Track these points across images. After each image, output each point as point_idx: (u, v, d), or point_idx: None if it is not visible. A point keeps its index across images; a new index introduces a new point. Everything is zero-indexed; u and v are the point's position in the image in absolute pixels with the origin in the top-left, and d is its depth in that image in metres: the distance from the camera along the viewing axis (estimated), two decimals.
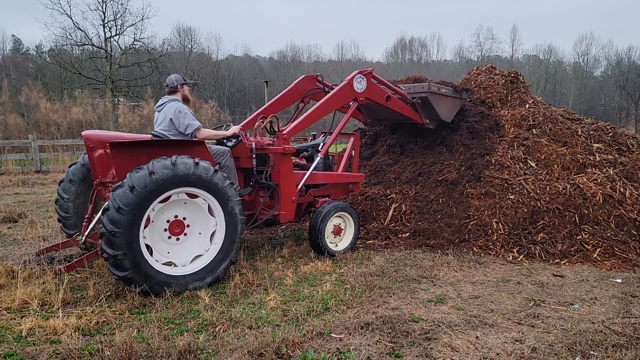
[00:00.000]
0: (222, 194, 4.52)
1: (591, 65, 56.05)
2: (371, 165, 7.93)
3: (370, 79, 6.24)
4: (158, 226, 4.37)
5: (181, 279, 4.35)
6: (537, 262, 5.71)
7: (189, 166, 4.30)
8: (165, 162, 4.20)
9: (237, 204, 4.66)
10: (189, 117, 5.07)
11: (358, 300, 4.29)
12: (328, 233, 5.72)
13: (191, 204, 4.52)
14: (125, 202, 3.98)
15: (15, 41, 51.77)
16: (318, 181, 6.05)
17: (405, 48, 58.11)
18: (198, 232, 4.60)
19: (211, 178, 4.43)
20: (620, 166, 6.92)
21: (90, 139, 5.12)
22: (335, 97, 6.03)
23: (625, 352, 3.31)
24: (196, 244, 4.58)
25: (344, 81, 6.12)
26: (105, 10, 31.01)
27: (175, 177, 4.22)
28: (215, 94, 44.23)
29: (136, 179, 4.05)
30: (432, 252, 5.94)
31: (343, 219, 5.90)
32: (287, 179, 5.56)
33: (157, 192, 4.14)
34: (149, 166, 4.13)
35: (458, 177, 6.78)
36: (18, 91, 27.81)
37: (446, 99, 7.24)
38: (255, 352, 3.17)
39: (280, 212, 5.55)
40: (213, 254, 4.59)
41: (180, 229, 4.50)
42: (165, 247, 4.44)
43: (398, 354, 3.26)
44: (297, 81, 7.02)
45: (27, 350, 3.26)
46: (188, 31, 48.86)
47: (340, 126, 6.19)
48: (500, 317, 3.97)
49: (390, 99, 6.52)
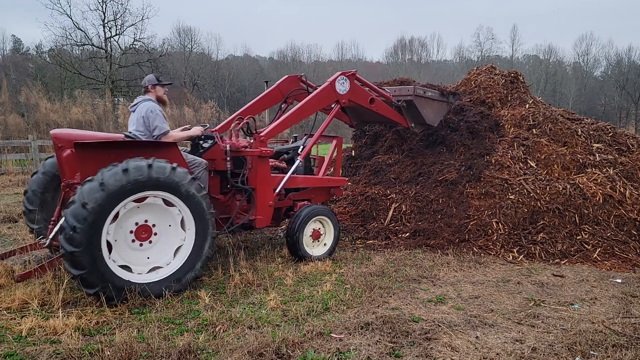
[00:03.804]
0: (196, 204, 4.32)
1: (591, 65, 56.07)
2: (371, 165, 7.93)
3: (353, 80, 6.07)
4: (125, 227, 4.15)
5: (134, 287, 4.07)
6: (537, 262, 5.71)
7: (164, 169, 4.12)
8: (140, 163, 4.03)
9: (211, 217, 4.46)
10: (159, 119, 4.86)
11: (358, 300, 4.29)
12: (306, 237, 5.52)
13: (164, 212, 4.31)
14: (92, 198, 3.79)
15: (15, 41, 51.77)
16: (298, 185, 5.86)
17: (405, 48, 58.10)
18: (164, 243, 4.35)
19: (187, 186, 4.25)
20: (620, 166, 6.92)
21: (59, 138, 4.83)
22: (316, 99, 5.84)
23: (625, 352, 3.31)
24: (160, 254, 4.33)
25: (326, 82, 5.96)
26: (105, 10, 31.03)
27: (150, 180, 4.04)
28: (215, 94, 44.20)
29: (107, 176, 3.87)
30: (432, 252, 5.94)
31: (322, 223, 5.69)
32: (264, 182, 5.35)
33: (129, 192, 3.96)
34: (122, 165, 3.95)
35: (458, 177, 6.78)
36: (18, 91, 27.78)
37: (432, 102, 7.06)
38: (255, 352, 3.17)
39: (256, 217, 5.34)
40: (173, 268, 4.33)
41: (146, 235, 4.27)
42: (126, 249, 4.19)
43: (398, 354, 3.26)
44: (280, 81, 6.80)
45: (27, 350, 3.26)
46: (188, 31, 48.84)
47: (321, 128, 6.00)
48: (500, 317, 3.97)
49: (374, 101, 6.32)
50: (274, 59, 58.06)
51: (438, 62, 59.12)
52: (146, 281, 4.17)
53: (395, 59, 57.45)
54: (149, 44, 33.84)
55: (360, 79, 6.38)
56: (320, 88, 5.97)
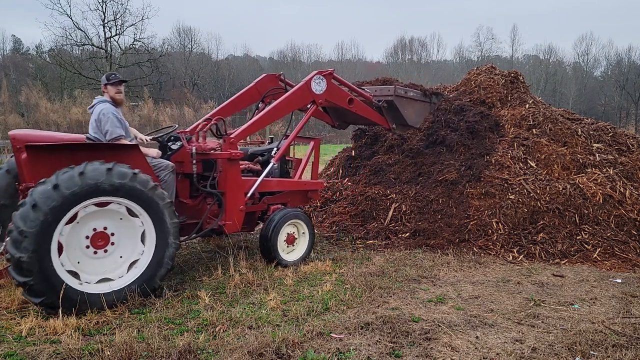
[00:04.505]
0: (158, 213, 4.07)
1: (591, 65, 56.07)
2: (371, 165, 7.93)
3: (330, 80, 5.88)
4: (82, 231, 3.90)
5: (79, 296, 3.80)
6: (537, 262, 5.71)
7: (125, 175, 3.87)
8: (99, 166, 3.79)
9: (174, 226, 4.20)
10: (110, 123, 4.49)
11: (358, 300, 4.29)
12: (281, 242, 5.31)
13: (126, 222, 4.06)
14: (44, 201, 3.57)
15: (15, 41, 51.82)
16: (272, 188, 5.61)
17: (405, 48, 58.06)
18: (120, 255, 4.09)
19: (149, 193, 4.00)
20: (620, 166, 6.92)
21: (17, 140, 4.44)
22: (291, 99, 5.64)
23: (625, 352, 3.31)
24: (113, 265, 4.07)
25: (302, 82, 5.78)
26: (105, 10, 31.08)
27: (110, 185, 3.80)
28: (215, 94, 44.19)
29: (62, 179, 3.66)
30: (432, 252, 5.94)
31: (296, 227, 5.49)
32: (234, 186, 5.07)
33: (85, 197, 3.73)
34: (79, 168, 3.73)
35: (458, 177, 6.78)
36: (18, 91, 27.83)
37: (414, 102, 6.93)
38: (255, 352, 3.17)
39: (225, 222, 5.03)
40: (124, 283, 4.05)
41: (103, 243, 4.00)
42: (78, 254, 3.91)
43: (398, 354, 3.26)
44: (258, 80, 6.54)
45: (27, 350, 3.26)
46: (188, 31, 48.83)
47: (297, 129, 5.78)
48: (500, 317, 3.97)
49: (353, 101, 6.14)
50: (274, 59, 58.05)
51: (438, 62, 59.10)
52: (93, 291, 3.88)
53: (395, 59, 57.44)
54: (149, 44, 33.92)
55: (338, 78, 6.24)
56: (296, 87, 5.80)
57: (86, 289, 3.87)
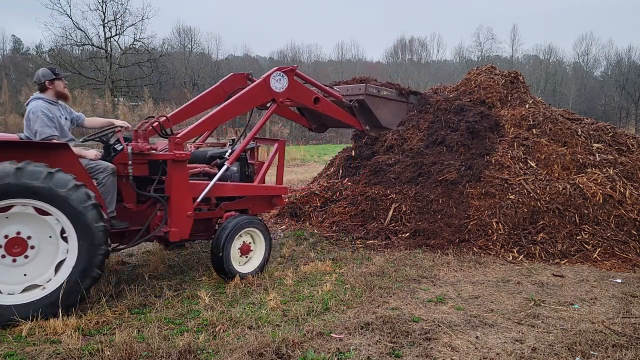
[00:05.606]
0: (79, 215, 3.72)
1: (591, 65, 56.16)
2: (371, 165, 7.92)
3: (292, 77, 5.55)
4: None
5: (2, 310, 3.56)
6: (537, 262, 5.71)
7: (37, 174, 3.57)
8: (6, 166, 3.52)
9: (99, 230, 3.81)
10: (39, 122, 4.20)
11: (358, 300, 4.29)
12: (234, 252, 4.86)
13: (40, 222, 3.74)
14: None
15: (15, 41, 51.88)
16: (227, 193, 5.15)
17: (405, 48, 58.11)
18: (42, 259, 3.78)
19: (66, 194, 3.66)
20: (620, 166, 6.93)
21: None
22: (246, 97, 5.30)
23: (625, 352, 3.31)
24: (38, 270, 3.76)
25: (259, 79, 5.46)
26: (105, 10, 31.13)
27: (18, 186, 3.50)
28: None
29: None
30: (432, 252, 5.94)
31: (252, 235, 5.04)
32: (180, 190, 4.64)
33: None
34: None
35: (458, 177, 6.78)
36: (18, 91, 27.82)
37: (388, 102, 6.56)
38: (255, 352, 3.17)
39: (170, 229, 4.57)
40: (54, 285, 3.75)
41: (20, 250, 3.69)
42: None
43: (398, 354, 3.26)
44: (224, 79, 6.22)
45: (27, 350, 3.26)
46: (188, 31, 48.92)
47: (254, 130, 5.43)
48: (500, 317, 3.97)
49: (319, 101, 5.80)
50: (274, 59, 58.06)
51: (438, 62, 59.16)
52: (18, 302, 3.63)
53: (395, 59, 57.48)
54: (149, 44, 33.98)
55: (303, 75, 5.91)
56: (253, 84, 5.45)
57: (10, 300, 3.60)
